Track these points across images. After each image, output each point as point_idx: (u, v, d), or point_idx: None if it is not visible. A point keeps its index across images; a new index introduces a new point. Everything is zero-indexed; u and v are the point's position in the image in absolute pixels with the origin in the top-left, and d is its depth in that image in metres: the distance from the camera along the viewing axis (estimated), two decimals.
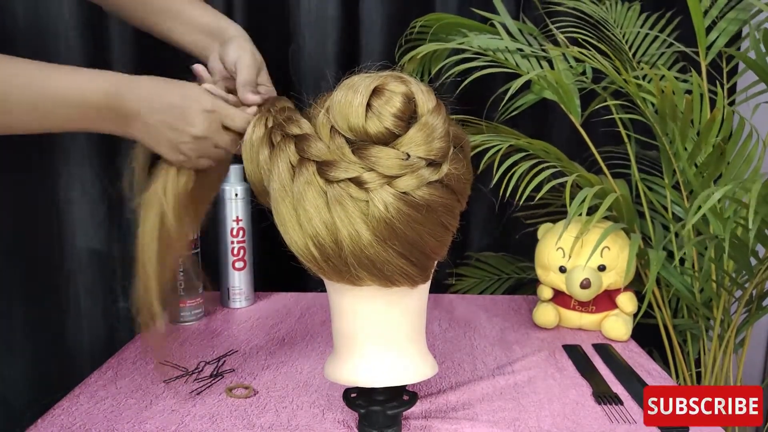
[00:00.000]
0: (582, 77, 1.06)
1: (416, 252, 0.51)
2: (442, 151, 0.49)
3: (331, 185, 0.48)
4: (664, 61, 1.08)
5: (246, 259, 0.98)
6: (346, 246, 0.48)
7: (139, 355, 0.79)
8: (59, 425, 0.61)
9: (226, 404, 0.67)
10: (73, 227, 1.15)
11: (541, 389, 0.72)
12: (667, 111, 0.86)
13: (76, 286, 1.17)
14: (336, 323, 0.57)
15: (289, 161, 0.50)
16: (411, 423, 0.63)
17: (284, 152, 0.50)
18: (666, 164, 1.03)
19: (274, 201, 0.51)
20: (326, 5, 1.14)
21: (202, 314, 0.94)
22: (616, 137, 1.10)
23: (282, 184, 0.50)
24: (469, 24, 1.03)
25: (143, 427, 0.62)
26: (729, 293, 0.97)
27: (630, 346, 0.86)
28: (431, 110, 0.49)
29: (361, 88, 0.47)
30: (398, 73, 0.50)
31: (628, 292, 0.89)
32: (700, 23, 0.92)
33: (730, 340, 0.99)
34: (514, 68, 1.01)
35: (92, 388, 0.70)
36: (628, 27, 1.10)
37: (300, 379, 0.73)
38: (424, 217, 0.49)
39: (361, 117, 0.47)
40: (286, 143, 0.51)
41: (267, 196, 0.53)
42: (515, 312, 1.00)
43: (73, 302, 1.17)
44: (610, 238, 0.86)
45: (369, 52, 1.17)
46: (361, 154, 0.47)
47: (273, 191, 0.51)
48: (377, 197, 0.47)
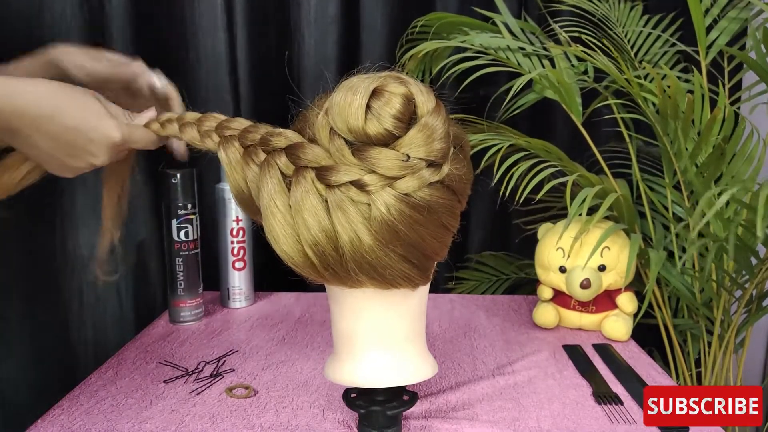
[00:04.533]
0: (584, 76, 1.06)
1: (417, 254, 0.50)
2: (443, 152, 0.49)
3: (331, 190, 0.48)
4: (665, 60, 1.08)
5: (246, 259, 0.98)
6: (346, 252, 0.48)
7: (139, 355, 0.79)
8: (59, 425, 0.61)
9: (226, 404, 0.67)
10: (74, 225, 1.16)
11: (541, 389, 0.72)
12: (668, 110, 0.86)
13: (76, 285, 1.17)
14: (336, 324, 0.57)
15: (280, 174, 0.49)
16: (411, 423, 0.63)
17: (273, 167, 0.50)
18: (667, 164, 1.03)
19: (265, 217, 0.50)
20: (326, 5, 1.13)
21: (202, 314, 0.94)
22: (618, 137, 1.10)
23: (272, 198, 0.49)
24: (471, 23, 1.03)
25: (143, 427, 0.62)
26: (729, 293, 0.97)
27: (630, 346, 0.86)
28: (431, 111, 0.48)
29: (361, 90, 0.47)
30: (397, 74, 0.49)
31: (629, 292, 0.89)
32: (700, 22, 0.92)
33: (730, 340, 0.99)
34: (515, 67, 1.01)
35: (92, 388, 0.70)
36: (630, 26, 1.09)
37: (300, 379, 0.73)
38: (426, 218, 0.49)
39: (361, 118, 0.47)
40: (275, 158, 0.50)
41: (257, 213, 0.52)
42: (515, 312, 1.00)
43: (72, 302, 1.17)
44: (611, 238, 0.86)
45: (369, 52, 1.17)
46: (361, 155, 0.47)
47: (263, 207, 0.50)
48: (379, 199, 0.47)
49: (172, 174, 0.87)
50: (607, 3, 1.10)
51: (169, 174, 0.87)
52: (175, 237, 0.88)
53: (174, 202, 0.87)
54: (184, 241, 0.89)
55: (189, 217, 0.89)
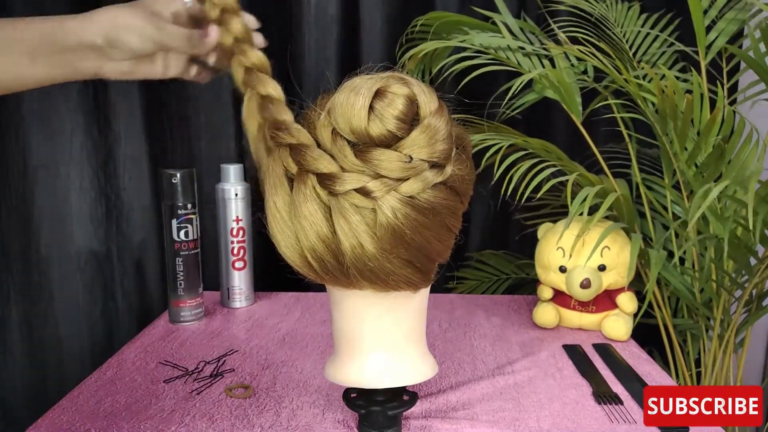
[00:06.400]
0: (583, 76, 1.06)
1: (421, 257, 0.50)
2: (445, 153, 0.49)
3: (334, 197, 0.47)
4: (664, 60, 1.08)
5: (246, 259, 0.98)
6: (348, 258, 0.48)
7: (139, 355, 0.79)
8: (59, 425, 0.61)
9: (226, 404, 0.67)
10: (71, 227, 1.16)
11: (541, 389, 0.72)
12: (667, 110, 0.86)
13: (76, 285, 1.17)
14: (337, 324, 0.57)
15: (286, 171, 0.49)
16: (411, 423, 0.63)
17: (277, 163, 0.49)
18: (666, 164, 1.03)
19: (267, 212, 0.50)
20: (326, 5, 1.13)
21: (202, 314, 0.93)
22: (617, 136, 1.10)
23: (273, 197, 0.49)
24: (470, 22, 1.03)
25: (143, 427, 0.62)
26: (729, 293, 0.97)
27: (630, 346, 0.86)
28: (434, 112, 0.48)
29: (363, 90, 0.47)
30: (400, 75, 0.49)
31: (629, 292, 0.89)
32: (699, 22, 0.92)
33: (730, 340, 0.99)
34: (515, 67, 1.01)
35: (92, 388, 0.70)
36: (628, 26, 1.10)
37: (300, 379, 0.73)
38: (430, 220, 0.49)
39: (364, 119, 0.46)
40: (280, 153, 0.49)
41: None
42: (515, 312, 1.00)
43: (72, 302, 1.18)
44: (610, 238, 0.86)
45: (369, 52, 1.17)
46: (363, 157, 0.47)
47: (266, 201, 0.50)
48: (385, 204, 0.47)
49: (172, 174, 0.87)
50: (604, 3, 1.10)
51: (169, 174, 0.87)
52: (175, 237, 0.88)
53: (174, 202, 0.87)
54: (184, 241, 0.89)
55: (189, 217, 0.88)
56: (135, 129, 1.15)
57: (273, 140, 0.50)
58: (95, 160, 1.15)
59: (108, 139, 1.15)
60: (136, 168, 1.16)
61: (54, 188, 1.14)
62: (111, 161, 1.16)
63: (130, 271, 1.19)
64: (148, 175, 1.17)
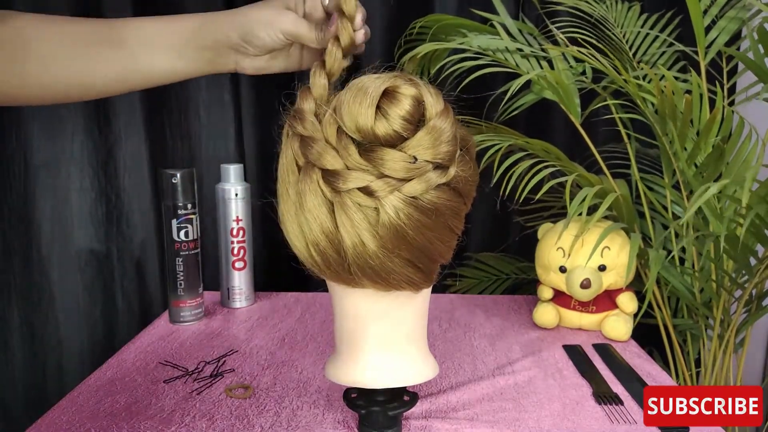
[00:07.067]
0: (582, 77, 1.06)
1: (423, 257, 0.50)
2: (449, 155, 0.49)
3: (337, 195, 0.47)
4: (664, 61, 1.09)
5: (246, 259, 0.98)
6: (349, 255, 0.48)
7: (139, 355, 0.79)
8: (59, 425, 0.61)
9: (226, 404, 0.67)
10: (72, 227, 1.16)
11: (541, 389, 0.72)
12: (666, 111, 0.86)
13: (76, 285, 1.18)
14: (338, 323, 0.57)
15: (295, 159, 0.49)
16: (411, 423, 0.63)
17: (289, 150, 0.50)
18: (666, 164, 1.03)
19: (279, 196, 0.51)
20: None
21: (202, 314, 0.93)
22: (616, 137, 1.10)
23: (285, 182, 0.50)
24: (469, 24, 1.03)
25: (143, 427, 0.62)
26: (729, 293, 0.97)
27: (630, 346, 0.86)
28: (439, 113, 0.48)
29: (371, 90, 0.47)
30: (408, 75, 0.49)
31: (629, 292, 0.89)
32: (699, 22, 0.92)
33: (730, 339, 0.99)
34: (513, 68, 1.01)
35: (92, 389, 0.70)
36: (628, 27, 1.10)
37: (300, 379, 0.73)
38: (433, 221, 0.49)
39: (370, 118, 0.47)
40: (292, 140, 0.50)
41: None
42: (515, 312, 1.00)
43: (72, 302, 1.18)
44: (610, 238, 0.86)
45: (368, 52, 1.17)
46: (368, 156, 0.47)
47: (278, 186, 0.51)
48: (388, 203, 0.47)
49: (172, 174, 0.87)
50: (604, 3, 1.10)
51: (169, 174, 0.87)
52: (175, 237, 0.88)
53: (174, 202, 0.87)
54: (184, 241, 0.89)
55: (189, 217, 0.88)
56: (135, 129, 1.15)
57: (289, 126, 0.51)
58: (96, 160, 1.15)
59: (108, 139, 1.15)
60: (137, 168, 1.16)
61: (54, 188, 1.14)
62: (111, 161, 1.16)
63: (130, 271, 1.19)
64: (148, 175, 1.17)
